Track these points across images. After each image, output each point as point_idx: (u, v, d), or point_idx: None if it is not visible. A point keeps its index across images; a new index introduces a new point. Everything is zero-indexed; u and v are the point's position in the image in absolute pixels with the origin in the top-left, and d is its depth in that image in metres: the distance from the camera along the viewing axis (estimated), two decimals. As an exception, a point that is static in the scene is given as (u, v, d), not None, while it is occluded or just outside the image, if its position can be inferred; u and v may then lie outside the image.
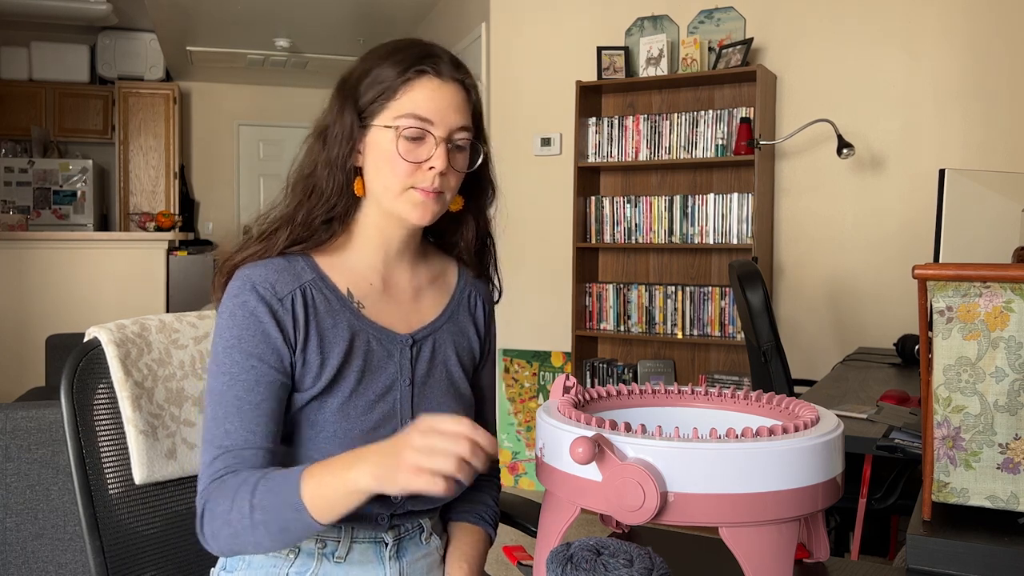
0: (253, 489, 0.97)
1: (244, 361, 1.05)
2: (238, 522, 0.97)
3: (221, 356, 1.06)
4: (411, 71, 1.09)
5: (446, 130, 1.10)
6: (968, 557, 0.94)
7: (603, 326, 3.94)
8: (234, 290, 1.08)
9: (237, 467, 1.01)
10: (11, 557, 2.01)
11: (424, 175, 1.09)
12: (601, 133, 3.89)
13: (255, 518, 0.96)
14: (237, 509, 0.97)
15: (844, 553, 2.25)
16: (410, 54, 1.10)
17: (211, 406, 1.05)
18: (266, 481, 0.97)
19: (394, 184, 1.10)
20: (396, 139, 1.08)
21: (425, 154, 1.09)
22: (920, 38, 3.41)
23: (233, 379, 1.04)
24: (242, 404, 1.03)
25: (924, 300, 1.00)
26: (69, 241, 4.62)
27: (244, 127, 7.73)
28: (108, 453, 1.19)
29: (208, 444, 1.04)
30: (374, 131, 1.10)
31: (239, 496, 0.98)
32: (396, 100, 1.09)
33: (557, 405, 0.98)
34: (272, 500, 0.96)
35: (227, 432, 1.03)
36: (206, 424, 1.05)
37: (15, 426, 2.00)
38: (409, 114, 1.08)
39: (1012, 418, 0.95)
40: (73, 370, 1.18)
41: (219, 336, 1.07)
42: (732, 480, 0.82)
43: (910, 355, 2.74)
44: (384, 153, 1.10)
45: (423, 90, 1.09)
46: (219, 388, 1.05)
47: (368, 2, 5.30)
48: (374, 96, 1.10)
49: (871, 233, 3.53)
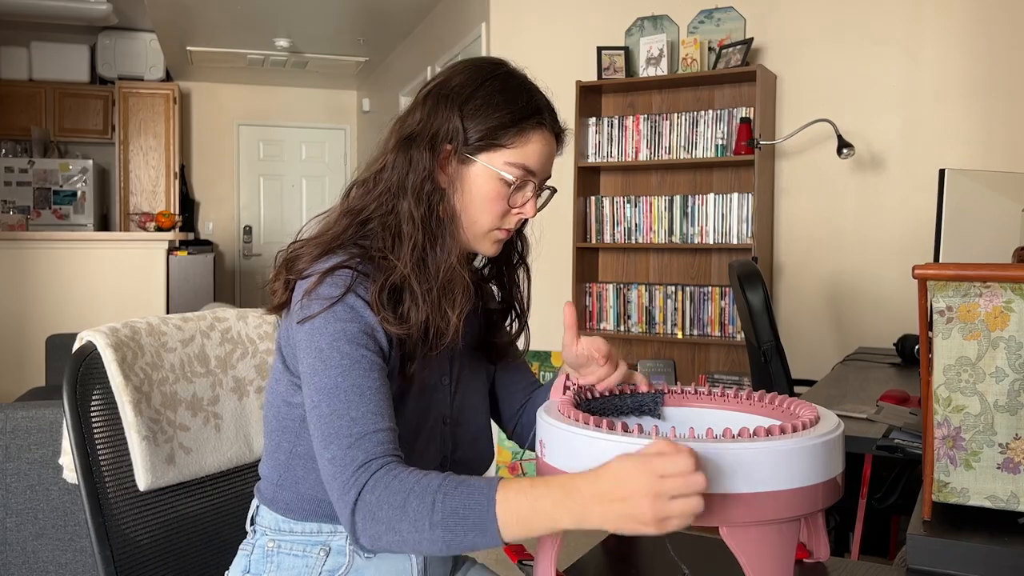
0: (432, 503, 0.90)
1: (354, 351, 1.02)
2: (410, 533, 0.91)
3: (327, 352, 1.02)
4: (527, 123, 1.10)
5: (542, 180, 1.13)
6: (968, 557, 0.94)
7: (603, 326, 3.93)
8: (325, 289, 1.05)
9: (373, 452, 0.97)
10: (11, 557, 2.01)
11: (511, 218, 1.12)
12: (601, 133, 3.89)
13: (435, 534, 0.90)
14: (411, 520, 0.91)
15: (844, 553, 2.25)
16: (527, 104, 1.10)
17: (326, 402, 1.00)
18: (447, 499, 0.90)
19: (485, 224, 1.11)
20: (500, 183, 1.09)
21: (520, 200, 1.12)
22: (920, 38, 3.42)
23: (346, 370, 1.01)
24: (363, 391, 1.00)
25: (924, 300, 1.00)
26: (69, 241, 4.62)
27: (244, 127, 7.72)
28: (107, 460, 1.18)
29: (332, 438, 0.98)
30: (475, 167, 1.10)
31: (412, 504, 0.91)
32: (509, 148, 1.09)
33: (557, 405, 0.99)
34: (459, 523, 0.90)
35: (353, 420, 0.99)
36: (321, 422, 1.00)
37: (15, 426, 2.00)
38: (520, 165, 1.09)
39: (1012, 418, 0.95)
40: (74, 376, 1.16)
41: (319, 333, 1.03)
42: (732, 480, 0.82)
43: (910, 355, 2.74)
44: (483, 192, 1.10)
45: (536, 144, 1.10)
46: (331, 383, 1.01)
47: (368, 2, 5.30)
48: (483, 132, 1.09)
49: (871, 233, 3.53)
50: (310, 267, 1.08)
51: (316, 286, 1.05)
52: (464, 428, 1.20)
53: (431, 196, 1.09)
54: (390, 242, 1.09)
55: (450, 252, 1.09)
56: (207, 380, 1.31)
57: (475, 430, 1.22)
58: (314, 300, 1.04)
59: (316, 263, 1.08)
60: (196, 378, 1.29)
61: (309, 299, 1.05)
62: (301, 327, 1.04)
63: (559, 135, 1.15)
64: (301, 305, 1.06)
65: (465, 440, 1.20)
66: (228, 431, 1.31)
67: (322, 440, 0.99)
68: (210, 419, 1.29)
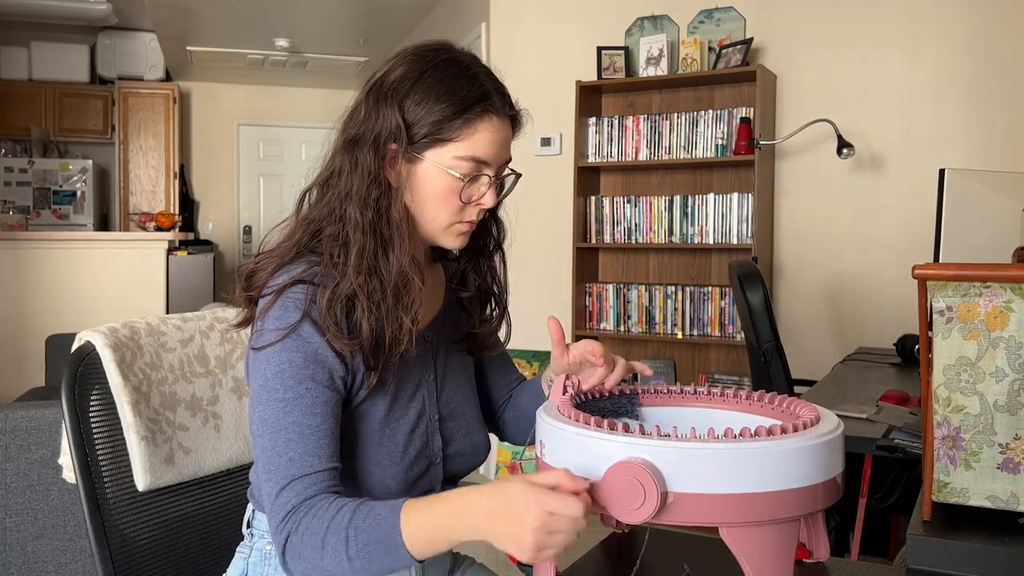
0: (346, 539, 0.92)
1: (297, 386, 1.00)
2: (334, 567, 0.93)
3: (272, 383, 1.00)
4: (472, 112, 1.04)
5: (498, 168, 1.09)
6: (968, 557, 0.94)
7: (603, 326, 3.93)
8: (276, 311, 1.02)
9: (306, 494, 0.97)
10: (11, 557, 2.01)
11: (471, 211, 1.09)
12: (601, 133, 3.89)
13: (355, 565, 0.92)
14: (331, 557, 0.93)
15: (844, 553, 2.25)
16: (470, 92, 1.04)
17: (268, 435, 0.99)
18: (358, 533, 0.92)
19: (443, 220, 1.08)
20: (452, 179, 1.05)
21: (477, 192, 1.08)
22: (920, 38, 3.41)
23: (288, 404, 0.99)
24: (302, 429, 0.99)
25: (924, 300, 1.00)
26: (69, 241, 4.62)
27: (244, 127, 7.72)
28: (106, 460, 1.18)
29: (272, 474, 0.98)
30: (424, 165, 1.05)
31: (330, 542, 0.93)
32: (456, 141, 1.04)
33: (557, 405, 0.99)
34: (373, 553, 0.92)
35: (291, 460, 0.98)
36: (264, 455, 0.99)
37: (15, 426, 2.00)
38: (470, 158, 1.04)
39: (1012, 418, 0.95)
40: (73, 376, 1.16)
41: (266, 361, 1.01)
42: (732, 480, 0.82)
43: (910, 355, 2.74)
44: (434, 190, 1.06)
45: (485, 132, 1.05)
46: (273, 417, 0.99)
47: (368, 2, 5.30)
48: (427, 128, 1.04)
49: (871, 233, 3.52)
50: (267, 283, 1.05)
51: (269, 307, 1.02)
52: (456, 423, 1.19)
53: (379, 200, 1.04)
54: (340, 250, 1.05)
55: (403, 254, 1.04)
56: (206, 380, 1.30)
57: (467, 423, 1.21)
58: (267, 324, 1.02)
59: (272, 278, 1.05)
60: (195, 378, 1.29)
61: (263, 322, 1.02)
62: (258, 335, 1.03)
63: (514, 117, 1.10)
64: (254, 329, 1.04)
65: (459, 434, 1.19)
66: (227, 431, 1.31)
67: (264, 472, 1.00)
68: (209, 419, 1.29)
